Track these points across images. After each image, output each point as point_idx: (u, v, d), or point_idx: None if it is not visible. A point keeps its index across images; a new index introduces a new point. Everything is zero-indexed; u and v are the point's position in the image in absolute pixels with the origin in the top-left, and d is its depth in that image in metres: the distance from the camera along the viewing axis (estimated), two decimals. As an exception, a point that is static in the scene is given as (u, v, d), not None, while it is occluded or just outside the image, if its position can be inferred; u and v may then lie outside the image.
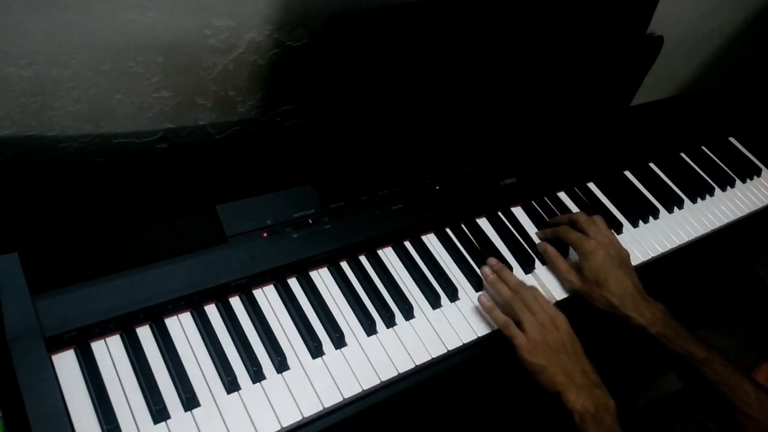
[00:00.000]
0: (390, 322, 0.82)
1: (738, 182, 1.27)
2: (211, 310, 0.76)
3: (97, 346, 0.69)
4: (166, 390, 0.68)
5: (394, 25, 0.76)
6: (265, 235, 0.80)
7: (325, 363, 0.76)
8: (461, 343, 0.83)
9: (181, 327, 0.74)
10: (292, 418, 0.70)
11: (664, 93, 1.45)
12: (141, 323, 0.72)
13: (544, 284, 0.93)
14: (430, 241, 0.93)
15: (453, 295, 0.87)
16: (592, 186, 1.12)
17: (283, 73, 0.86)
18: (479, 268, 0.91)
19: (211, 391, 0.70)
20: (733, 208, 1.21)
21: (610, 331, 0.85)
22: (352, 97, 0.79)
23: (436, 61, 0.82)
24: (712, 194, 1.22)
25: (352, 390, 0.74)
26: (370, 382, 0.76)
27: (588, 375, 0.79)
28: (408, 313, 0.83)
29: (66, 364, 0.67)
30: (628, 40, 1.05)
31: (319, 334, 0.77)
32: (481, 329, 0.85)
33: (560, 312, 0.84)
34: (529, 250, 0.97)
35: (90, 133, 0.80)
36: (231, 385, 0.70)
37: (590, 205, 1.08)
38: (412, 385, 0.79)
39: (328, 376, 0.75)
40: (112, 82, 0.74)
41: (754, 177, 1.31)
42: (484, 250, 0.94)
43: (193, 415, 0.67)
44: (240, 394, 0.70)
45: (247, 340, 0.74)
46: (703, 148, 1.32)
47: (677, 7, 1.15)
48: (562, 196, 1.09)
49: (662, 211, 1.13)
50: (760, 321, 1.63)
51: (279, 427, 0.69)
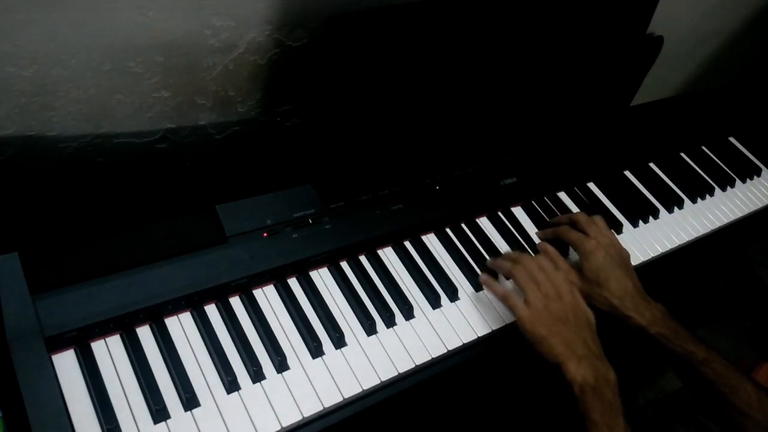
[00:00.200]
0: (390, 322, 0.82)
1: (738, 182, 1.27)
2: (211, 310, 0.76)
3: (97, 346, 0.69)
4: (166, 390, 0.68)
5: (394, 25, 0.76)
6: (265, 235, 0.80)
7: (325, 363, 0.76)
8: (461, 343, 0.83)
9: (181, 327, 0.74)
10: (292, 418, 0.70)
11: (664, 93, 1.45)
12: (141, 323, 0.72)
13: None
14: (430, 241, 0.93)
15: (453, 295, 0.87)
16: (592, 186, 1.12)
17: (283, 73, 0.86)
18: (479, 268, 0.91)
19: (211, 391, 0.70)
20: (733, 208, 1.21)
21: (610, 331, 0.85)
22: (352, 97, 0.79)
23: (436, 61, 0.82)
24: (712, 194, 1.22)
25: (352, 390, 0.74)
26: (370, 382, 0.76)
27: (589, 346, 0.78)
28: (408, 313, 0.83)
29: (66, 364, 0.67)
30: (628, 40, 1.05)
31: (319, 334, 0.77)
32: (482, 329, 0.85)
33: (567, 282, 0.84)
34: (530, 250, 0.97)
35: (90, 133, 0.80)
36: (231, 385, 0.70)
37: (590, 205, 1.08)
38: (412, 385, 0.79)
39: (328, 376, 0.75)
40: (112, 82, 0.74)
41: (754, 177, 1.31)
42: (484, 250, 0.94)
43: (193, 415, 0.67)
44: (240, 394, 0.70)
45: (247, 340, 0.74)
46: (703, 148, 1.32)
47: (677, 7, 1.15)
48: (562, 196, 1.09)
49: (662, 211, 1.13)
50: (760, 321, 1.63)
51: (279, 427, 0.69)
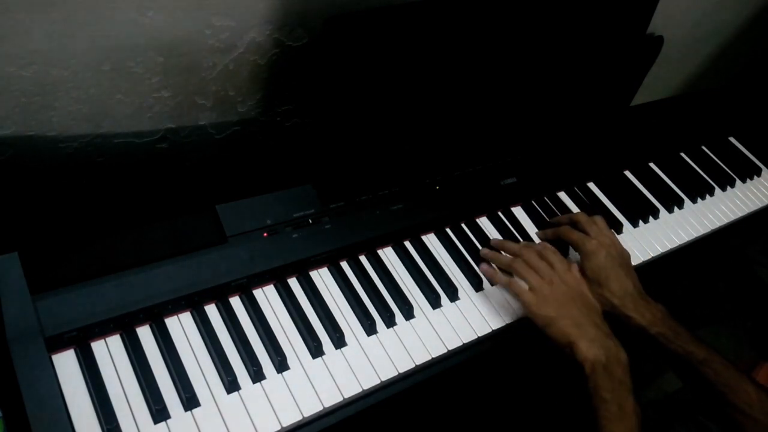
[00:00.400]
0: (390, 322, 0.82)
1: (738, 182, 1.27)
2: (211, 310, 0.76)
3: (97, 346, 0.69)
4: (166, 390, 0.68)
5: (394, 26, 0.75)
6: (265, 235, 0.80)
7: (325, 363, 0.76)
8: (461, 343, 0.83)
9: (181, 327, 0.74)
10: (292, 418, 0.70)
11: (664, 93, 1.45)
12: (141, 323, 0.72)
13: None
14: (430, 241, 0.93)
15: (453, 294, 0.87)
16: (592, 186, 1.12)
17: (283, 73, 0.86)
18: (479, 268, 0.91)
19: (211, 390, 0.70)
20: (733, 208, 1.20)
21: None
22: (352, 97, 0.79)
23: (436, 61, 0.82)
24: (712, 194, 1.22)
25: (352, 390, 0.74)
26: (370, 382, 0.76)
27: (599, 326, 0.79)
28: (408, 312, 0.83)
29: (66, 364, 0.67)
30: (628, 40, 1.05)
31: (319, 334, 0.77)
32: (482, 329, 0.85)
33: (571, 269, 0.85)
34: (529, 250, 0.97)
35: (90, 133, 0.80)
36: (231, 385, 0.70)
37: (590, 205, 1.08)
38: (412, 385, 0.79)
39: (328, 376, 0.75)
40: (112, 82, 0.74)
41: (754, 177, 1.31)
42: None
43: (193, 415, 0.67)
44: (240, 394, 0.70)
45: (247, 340, 0.74)
46: (703, 148, 1.32)
47: (677, 7, 1.15)
48: (562, 196, 1.09)
49: (662, 211, 1.13)
50: (760, 321, 1.63)
51: (279, 427, 0.69)
